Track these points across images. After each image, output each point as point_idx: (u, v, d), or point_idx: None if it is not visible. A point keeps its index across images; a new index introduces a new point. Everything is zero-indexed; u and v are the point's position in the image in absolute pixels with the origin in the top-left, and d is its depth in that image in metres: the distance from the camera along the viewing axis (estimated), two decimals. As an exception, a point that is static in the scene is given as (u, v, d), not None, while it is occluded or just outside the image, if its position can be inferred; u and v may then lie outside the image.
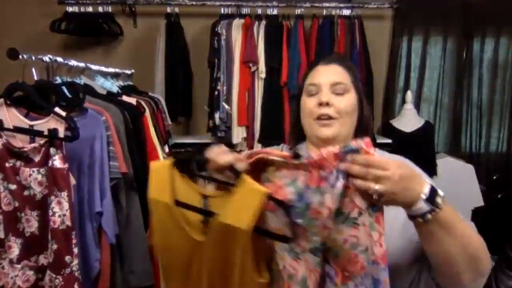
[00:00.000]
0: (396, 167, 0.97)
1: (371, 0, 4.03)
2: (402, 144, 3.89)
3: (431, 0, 4.18)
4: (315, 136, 1.34)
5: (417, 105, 4.27)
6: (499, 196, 4.03)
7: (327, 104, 1.30)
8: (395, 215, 1.12)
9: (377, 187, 0.95)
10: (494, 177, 4.20)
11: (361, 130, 1.38)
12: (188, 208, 1.15)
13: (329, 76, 1.34)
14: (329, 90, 1.32)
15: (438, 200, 1.01)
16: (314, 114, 1.32)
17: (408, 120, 3.99)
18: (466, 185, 3.90)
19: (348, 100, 1.33)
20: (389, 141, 3.91)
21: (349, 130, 1.35)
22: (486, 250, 1.09)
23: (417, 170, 1.26)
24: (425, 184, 1.01)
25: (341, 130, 1.32)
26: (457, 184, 3.89)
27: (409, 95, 4.04)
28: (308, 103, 1.34)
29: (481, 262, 1.08)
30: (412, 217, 1.02)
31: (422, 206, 0.99)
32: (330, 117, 1.30)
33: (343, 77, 1.35)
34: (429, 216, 0.99)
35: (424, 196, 0.99)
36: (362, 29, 3.86)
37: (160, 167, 1.20)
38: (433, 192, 1.01)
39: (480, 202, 3.91)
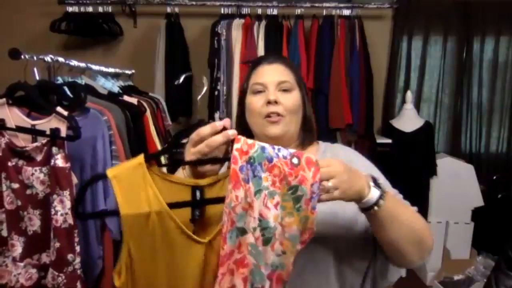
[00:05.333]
0: (338, 163, 1.03)
1: (371, 0, 4.03)
2: (402, 144, 3.90)
3: (431, 0, 4.18)
4: (264, 135, 1.35)
5: (417, 105, 4.28)
6: (499, 196, 4.04)
7: (275, 102, 1.32)
8: None
9: (330, 183, 1.00)
10: (494, 177, 4.20)
11: (305, 129, 1.43)
12: (191, 205, 1.05)
13: (274, 75, 1.36)
14: (276, 88, 1.34)
15: (382, 185, 1.10)
16: (263, 113, 1.33)
17: (408, 120, 4.00)
18: (466, 185, 3.91)
19: (294, 98, 1.36)
20: (389, 141, 3.92)
21: (296, 128, 1.39)
22: (429, 231, 1.21)
23: (363, 161, 1.41)
24: (364, 175, 1.09)
25: (289, 127, 1.35)
26: (457, 184, 3.90)
27: (409, 95, 4.05)
28: (255, 102, 1.35)
29: (425, 243, 1.19)
30: (365, 209, 1.09)
31: (373, 192, 1.07)
32: (278, 115, 1.32)
33: (288, 76, 1.37)
34: (381, 201, 1.07)
35: (372, 183, 1.08)
36: (362, 29, 3.86)
37: (125, 172, 1.03)
38: (374, 178, 1.10)
39: (480, 202, 3.92)
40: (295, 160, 0.98)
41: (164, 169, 1.13)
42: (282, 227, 0.99)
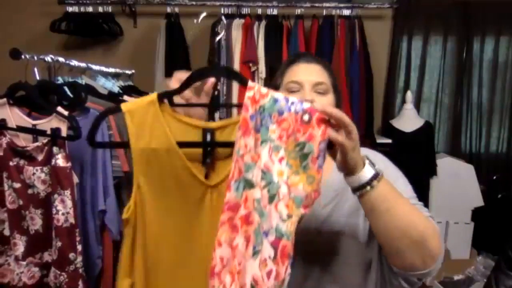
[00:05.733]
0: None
1: (371, 0, 4.03)
2: (402, 144, 3.90)
3: (431, 0, 4.18)
4: None
5: (417, 105, 4.27)
6: (499, 196, 4.04)
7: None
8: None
9: (342, 139, 0.96)
10: (494, 177, 4.19)
11: None
12: (200, 145, 1.06)
13: (311, 75, 1.32)
14: (311, 89, 1.31)
15: (378, 168, 1.03)
16: None
17: (408, 120, 4.00)
18: (466, 185, 3.91)
19: (329, 101, 1.32)
20: (389, 141, 3.92)
21: None
22: (436, 234, 1.09)
23: (391, 165, 1.45)
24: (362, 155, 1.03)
25: None
26: (457, 184, 3.90)
27: (409, 95, 4.05)
28: None
29: (428, 244, 1.07)
30: (357, 188, 1.02)
31: (367, 170, 1.01)
32: None
33: (324, 77, 1.34)
34: (375, 182, 1.01)
35: (367, 161, 1.01)
36: (362, 29, 3.86)
37: (138, 108, 1.06)
38: (370, 161, 1.03)
39: (480, 202, 3.92)
40: (306, 117, 0.95)
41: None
42: (288, 187, 0.96)
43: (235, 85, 3.66)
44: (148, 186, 1.07)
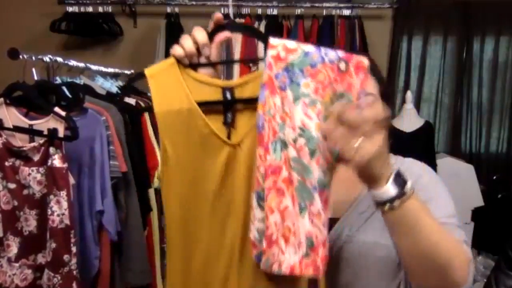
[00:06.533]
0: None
1: (371, 0, 4.03)
2: (402, 144, 3.88)
3: (431, 0, 4.17)
4: None
5: (417, 105, 4.25)
6: (499, 196, 4.02)
7: None
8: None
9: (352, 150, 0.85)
10: (494, 177, 4.18)
11: None
12: (218, 103, 1.04)
13: None
14: None
15: (407, 187, 0.92)
16: None
17: (408, 120, 3.98)
18: (466, 185, 3.90)
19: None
20: (389, 141, 3.91)
21: None
22: (464, 263, 1.02)
23: (435, 179, 1.33)
24: (390, 168, 0.92)
25: None
26: (457, 184, 3.88)
27: (409, 95, 4.03)
28: None
29: (451, 273, 0.99)
30: (379, 204, 0.94)
31: (389, 188, 0.90)
32: None
33: (370, 88, 1.25)
34: (397, 202, 0.90)
35: (391, 179, 0.91)
36: (362, 29, 3.86)
37: (160, 71, 1.06)
38: (400, 177, 0.92)
39: (480, 202, 3.91)
40: (342, 65, 0.90)
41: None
42: (325, 140, 0.92)
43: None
44: (173, 150, 1.06)
